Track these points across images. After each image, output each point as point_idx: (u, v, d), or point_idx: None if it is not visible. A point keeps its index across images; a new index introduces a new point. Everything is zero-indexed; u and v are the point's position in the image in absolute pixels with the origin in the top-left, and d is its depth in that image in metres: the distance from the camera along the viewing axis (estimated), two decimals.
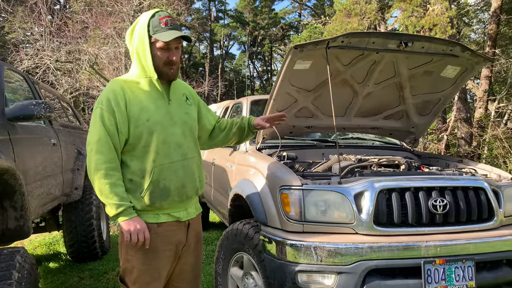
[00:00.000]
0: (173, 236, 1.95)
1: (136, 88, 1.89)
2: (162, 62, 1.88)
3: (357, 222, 2.22)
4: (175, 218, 1.95)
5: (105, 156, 1.80)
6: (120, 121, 1.83)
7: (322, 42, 2.55)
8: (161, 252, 1.91)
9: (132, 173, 1.87)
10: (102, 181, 1.79)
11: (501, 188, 2.51)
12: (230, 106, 4.85)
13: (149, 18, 1.87)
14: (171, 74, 1.92)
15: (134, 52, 1.92)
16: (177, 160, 1.90)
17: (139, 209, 1.87)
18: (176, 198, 1.92)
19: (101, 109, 1.83)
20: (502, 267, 2.34)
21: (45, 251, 5.25)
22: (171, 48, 1.88)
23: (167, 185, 1.88)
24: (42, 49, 9.90)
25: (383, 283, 2.13)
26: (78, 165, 4.27)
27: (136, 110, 1.85)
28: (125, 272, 1.92)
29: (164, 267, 1.93)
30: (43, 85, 4.35)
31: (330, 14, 17.26)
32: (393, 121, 3.44)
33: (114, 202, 1.79)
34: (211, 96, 21.90)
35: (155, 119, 1.87)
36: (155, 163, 1.86)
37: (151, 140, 1.85)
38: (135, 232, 1.80)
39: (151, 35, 1.86)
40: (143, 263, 1.88)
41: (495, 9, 9.51)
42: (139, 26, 1.89)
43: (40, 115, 2.65)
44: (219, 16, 35.21)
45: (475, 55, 2.86)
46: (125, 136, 1.85)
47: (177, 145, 1.91)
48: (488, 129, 8.82)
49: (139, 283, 1.89)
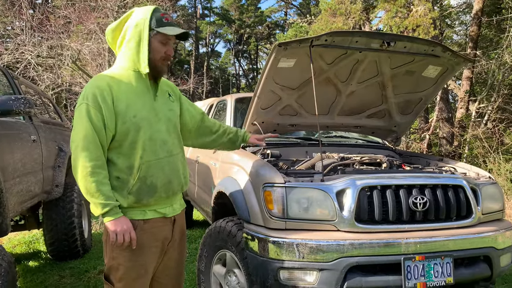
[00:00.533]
0: (160, 232, 1.95)
1: (122, 83, 1.86)
2: (159, 56, 1.88)
3: (339, 219, 2.24)
4: (161, 215, 1.95)
5: (91, 154, 1.76)
6: (108, 117, 1.79)
7: (306, 40, 2.57)
8: (147, 249, 1.90)
9: (119, 171, 1.84)
10: (88, 179, 1.75)
11: (479, 186, 2.57)
12: (214, 103, 4.84)
13: (152, 13, 1.87)
14: (164, 70, 1.93)
15: (125, 45, 1.89)
16: (163, 156, 1.90)
17: (126, 207, 1.85)
18: (163, 194, 1.91)
19: (87, 105, 1.78)
20: (479, 263, 2.40)
21: (25, 250, 5.16)
22: (170, 44, 1.91)
23: (154, 182, 1.87)
24: (23, 43, 9.70)
25: (364, 280, 2.16)
26: (59, 162, 4.20)
27: (123, 106, 1.83)
28: (111, 269, 1.90)
29: (151, 263, 1.93)
30: (23, 81, 4.26)
31: (316, 13, 17.37)
32: (375, 120, 3.48)
33: (100, 201, 1.76)
34: (196, 94, 21.79)
35: (142, 115, 1.86)
36: (142, 160, 1.84)
37: (138, 137, 1.84)
38: (121, 232, 1.78)
39: (153, 29, 1.85)
40: (130, 260, 1.86)
41: (476, 11, 9.69)
42: (136, 20, 1.87)
43: (19, 110, 2.60)
44: (204, 13, 35.04)
45: (456, 56, 2.91)
46: (112, 132, 1.82)
47: (162, 142, 1.90)
48: (469, 129, 9.00)
49: (125, 280, 1.87)
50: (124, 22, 1.91)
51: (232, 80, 32.29)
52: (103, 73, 1.93)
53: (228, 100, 4.11)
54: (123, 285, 1.87)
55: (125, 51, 1.89)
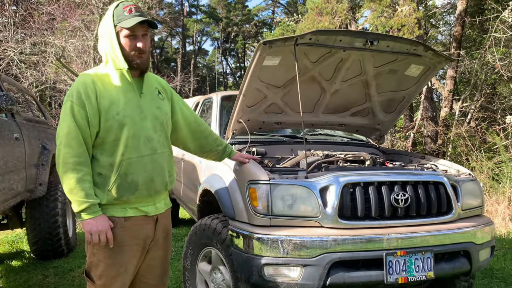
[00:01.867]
0: (141, 230, 1.93)
1: (107, 81, 1.87)
2: (130, 50, 1.84)
3: (322, 216, 2.27)
4: (143, 213, 1.94)
5: (73, 150, 1.77)
6: (91, 114, 1.80)
7: (290, 38, 2.59)
8: (127, 247, 1.89)
9: (101, 167, 1.85)
10: (69, 175, 1.76)
11: (459, 183, 2.62)
12: (200, 101, 4.83)
13: (114, 8, 1.86)
14: (140, 63, 1.88)
15: (103, 44, 1.90)
16: (146, 154, 1.89)
17: (106, 203, 1.85)
18: (144, 192, 1.90)
19: (71, 102, 1.80)
20: (459, 258, 2.45)
21: (7, 249, 5.08)
22: (137, 35, 1.85)
23: (135, 179, 1.87)
24: (5, 40, 9.52)
25: (347, 275, 2.19)
26: (42, 161, 4.15)
27: (106, 103, 1.83)
28: (91, 266, 1.90)
29: (131, 261, 1.91)
30: (6, 78, 4.20)
31: (303, 12, 17.43)
32: (359, 118, 3.53)
33: (78, 198, 1.76)
34: (183, 92, 21.68)
35: (125, 112, 1.85)
36: (123, 157, 1.84)
37: (121, 134, 1.83)
38: (96, 232, 1.79)
39: (115, 25, 1.84)
40: (109, 257, 1.86)
41: (460, 11, 9.85)
42: (104, 19, 1.89)
43: (1, 107, 2.57)
44: (192, 11, 34.85)
45: (437, 55, 2.97)
46: (96, 129, 1.83)
47: (146, 139, 1.89)
48: (452, 128, 9.15)
49: (105, 277, 1.87)
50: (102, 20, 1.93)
51: (219, 78, 32.23)
52: (89, 71, 1.93)
53: (214, 98, 4.11)
54: (103, 282, 1.87)
55: (103, 51, 1.90)
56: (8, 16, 9.83)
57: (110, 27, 1.85)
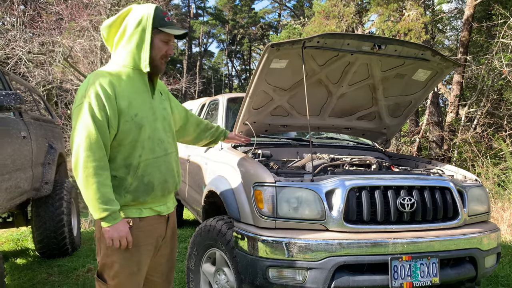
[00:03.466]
0: (155, 230, 1.96)
1: (123, 81, 1.84)
2: (160, 55, 1.88)
3: (327, 219, 2.27)
4: (156, 213, 1.96)
5: (94, 154, 1.72)
6: (111, 115, 1.76)
7: (298, 41, 2.59)
8: (143, 247, 1.90)
9: (116, 170, 1.82)
10: (90, 180, 1.71)
11: (466, 188, 2.61)
12: (206, 103, 4.84)
13: (154, 11, 1.85)
14: (162, 68, 1.94)
15: (125, 42, 1.86)
16: (160, 155, 1.91)
17: (122, 205, 1.83)
18: (159, 192, 1.92)
19: (89, 103, 1.73)
20: (464, 264, 2.44)
21: (12, 247, 5.11)
22: (171, 43, 1.91)
23: (151, 180, 1.88)
24: (14, 39, 9.59)
25: (352, 279, 2.18)
26: (49, 159, 4.18)
27: (125, 104, 1.80)
28: (104, 267, 1.88)
29: (145, 261, 1.93)
30: (14, 77, 4.23)
31: (309, 15, 17.42)
32: (366, 122, 3.52)
33: (99, 206, 1.73)
34: (188, 93, 21.74)
35: (142, 114, 1.85)
36: (141, 158, 1.84)
37: (139, 135, 1.83)
38: (117, 239, 1.78)
39: (156, 27, 1.84)
40: (124, 257, 1.85)
41: (467, 17, 9.81)
42: (137, 17, 1.84)
43: (9, 106, 2.59)
44: (198, 13, 35.00)
45: (445, 60, 2.96)
46: (115, 130, 1.80)
47: (159, 140, 1.91)
48: (458, 133, 9.10)
49: (119, 278, 1.86)
50: (122, 18, 1.87)
51: (225, 81, 32.28)
52: (102, 70, 1.87)
53: (220, 100, 4.12)
54: (116, 282, 1.86)
55: (124, 49, 1.86)
56: (17, 16, 9.91)
57: (148, 27, 1.83)
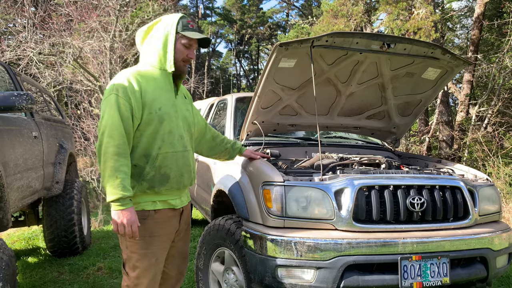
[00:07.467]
0: (169, 222, 2.08)
1: (150, 78, 2.02)
2: (181, 57, 2.07)
3: (337, 218, 2.26)
4: (171, 206, 2.08)
5: (114, 141, 1.86)
6: (136, 107, 1.92)
7: (307, 40, 2.58)
8: (158, 237, 2.02)
9: (137, 159, 1.96)
10: (107, 164, 1.84)
11: (477, 188, 2.58)
12: (215, 103, 4.86)
13: (179, 18, 2.06)
14: (185, 70, 2.11)
15: (152, 45, 2.05)
16: (179, 150, 2.04)
17: (138, 192, 1.95)
18: (174, 185, 2.04)
19: (116, 95, 1.91)
20: (475, 264, 2.41)
21: (24, 246, 5.18)
22: (192, 48, 2.09)
23: (168, 173, 2.00)
24: (25, 41, 9.70)
25: (361, 278, 2.18)
26: (59, 159, 4.23)
27: (150, 98, 1.97)
28: (126, 260, 2.03)
29: (162, 252, 2.05)
30: (26, 77, 4.28)
31: (318, 15, 17.35)
32: (375, 121, 3.50)
33: (111, 188, 1.83)
34: (196, 93, 21.81)
35: (166, 109, 2.01)
36: (160, 150, 1.98)
37: (159, 128, 1.97)
38: (121, 225, 1.86)
39: (179, 32, 2.03)
40: (141, 248, 1.98)
41: (478, 15, 9.70)
42: (164, 24, 2.05)
43: (21, 106, 2.61)
44: (206, 13, 35.06)
45: (455, 58, 2.93)
46: (138, 121, 1.95)
47: (180, 136, 2.05)
48: (468, 133, 9.00)
49: (139, 269, 1.99)
50: (152, 26, 2.09)
51: (233, 81, 32.32)
52: (131, 68, 2.08)
53: (228, 100, 4.13)
54: (137, 274, 1.98)
55: (152, 51, 2.05)
56: (27, 17, 10.02)
57: (172, 32, 2.03)
